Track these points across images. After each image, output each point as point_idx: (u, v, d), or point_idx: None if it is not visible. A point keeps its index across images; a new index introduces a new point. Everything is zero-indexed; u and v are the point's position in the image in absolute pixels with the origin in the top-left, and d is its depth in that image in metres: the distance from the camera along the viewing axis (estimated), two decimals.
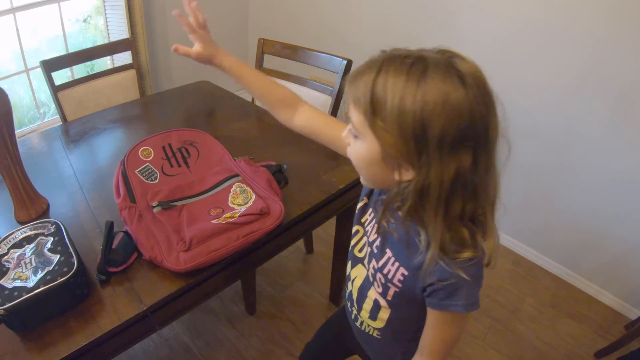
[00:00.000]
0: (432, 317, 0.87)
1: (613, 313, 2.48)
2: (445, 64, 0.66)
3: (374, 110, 0.68)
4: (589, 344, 2.30)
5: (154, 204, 1.34)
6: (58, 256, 1.14)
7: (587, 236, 2.46)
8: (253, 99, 2.46)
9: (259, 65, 2.43)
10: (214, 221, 1.30)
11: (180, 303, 1.25)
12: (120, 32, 2.98)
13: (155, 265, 1.24)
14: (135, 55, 2.47)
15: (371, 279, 0.96)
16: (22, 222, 1.42)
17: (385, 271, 0.89)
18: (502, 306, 2.46)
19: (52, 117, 3.15)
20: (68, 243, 1.19)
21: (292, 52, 2.30)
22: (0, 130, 1.29)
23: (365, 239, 0.99)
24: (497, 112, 0.69)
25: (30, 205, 1.44)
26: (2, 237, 1.22)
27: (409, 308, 0.92)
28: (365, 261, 0.99)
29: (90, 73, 2.35)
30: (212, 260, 1.22)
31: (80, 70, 3.00)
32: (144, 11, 2.92)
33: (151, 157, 1.54)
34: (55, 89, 2.17)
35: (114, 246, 1.23)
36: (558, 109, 2.29)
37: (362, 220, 1.02)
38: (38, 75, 2.81)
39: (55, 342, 1.06)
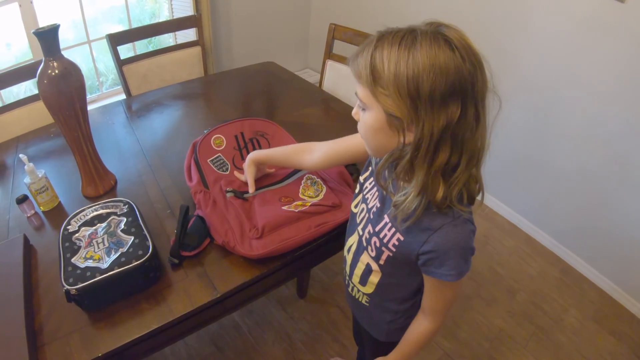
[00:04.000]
0: (430, 283, 0.96)
1: None
2: (432, 32, 0.72)
3: (374, 79, 0.75)
4: None
5: (228, 189, 1.32)
6: (132, 238, 1.13)
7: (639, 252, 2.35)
8: (320, 84, 2.41)
9: (329, 50, 2.37)
10: (284, 207, 1.28)
11: (252, 291, 1.24)
12: (184, 8, 2.96)
13: (226, 251, 1.23)
14: (200, 33, 2.45)
15: (364, 244, 1.03)
16: (89, 198, 1.43)
17: (381, 235, 0.96)
18: (546, 314, 2.39)
19: (109, 88, 3.17)
20: (142, 225, 1.18)
21: (364, 39, 2.18)
22: (73, 104, 1.28)
23: (364, 205, 1.05)
24: (484, 69, 0.75)
25: (99, 181, 1.44)
26: (73, 214, 1.22)
27: (399, 273, 1.01)
28: (360, 227, 1.05)
29: (150, 48, 2.34)
30: (284, 248, 1.20)
31: (139, 44, 3.01)
32: None
33: (223, 147, 1.51)
34: (120, 63, 2.17)
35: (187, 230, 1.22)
36: (617, 112, 2.16)
37: (364, 188, 1.07)
38: (96, 46, 2.82)
39: (125, 322, 1.06)
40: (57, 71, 1.22)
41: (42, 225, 1.35)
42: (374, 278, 1.05)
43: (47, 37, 1.19)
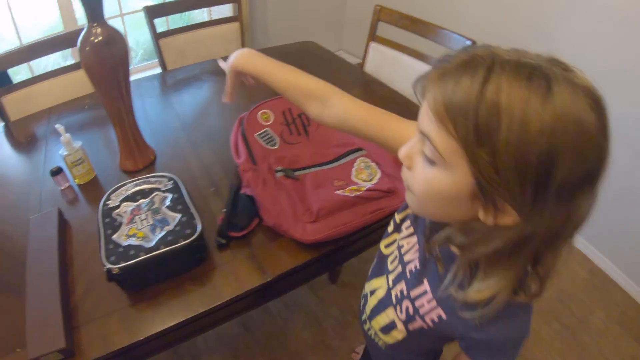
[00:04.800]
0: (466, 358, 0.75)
1: None
2: (566, 79, 0.47)
3: (479, 137, 0.47)
4: None
5: (277, 168, 1.26)
6: (179, 215, 1.06)
7: None
8: (362, 65, 2.32)
9: (373, 32, 2.25)
10: (338, 192, 1.21)
11: (300, 275, 1.18)
12: None
13: (274, 232, 1.16)
14: (239, 8, 2.39)
15: (394, 300, 0.84)
16: (127, 172, 1.38)
17: (417, 304, 0.77)
18: (572, 314, 2.32)
19: (138, 63, 3.12)
20: (189, 202, 1.11)
21: (410, 23, 2.09)
22: (117, 75, 1.22)
23: (397, 252, 0.86)
24: None
25: (138, 155, 1.38)
26: (113, 189, 1.16)
27: (428, 340, 0.84)
28: (391, 278, 0.86)
29: (186, 23, 2.28)
30: (338, 234, 1.13)
31: (174, 19, 2.96)
32: None
33: (270, 122, 1.44)
34: (157, 36, 2.12)
35: None
36: None
37: (400, 231, 0.88)
38: (127, 20, 2.78)
39: (169, 304, 1.00)
40: (100, 38, 1.16)
41: (76, 199, 1.30)
42: (398, 334, 0.86)
43: (92, 1, 1.12)
